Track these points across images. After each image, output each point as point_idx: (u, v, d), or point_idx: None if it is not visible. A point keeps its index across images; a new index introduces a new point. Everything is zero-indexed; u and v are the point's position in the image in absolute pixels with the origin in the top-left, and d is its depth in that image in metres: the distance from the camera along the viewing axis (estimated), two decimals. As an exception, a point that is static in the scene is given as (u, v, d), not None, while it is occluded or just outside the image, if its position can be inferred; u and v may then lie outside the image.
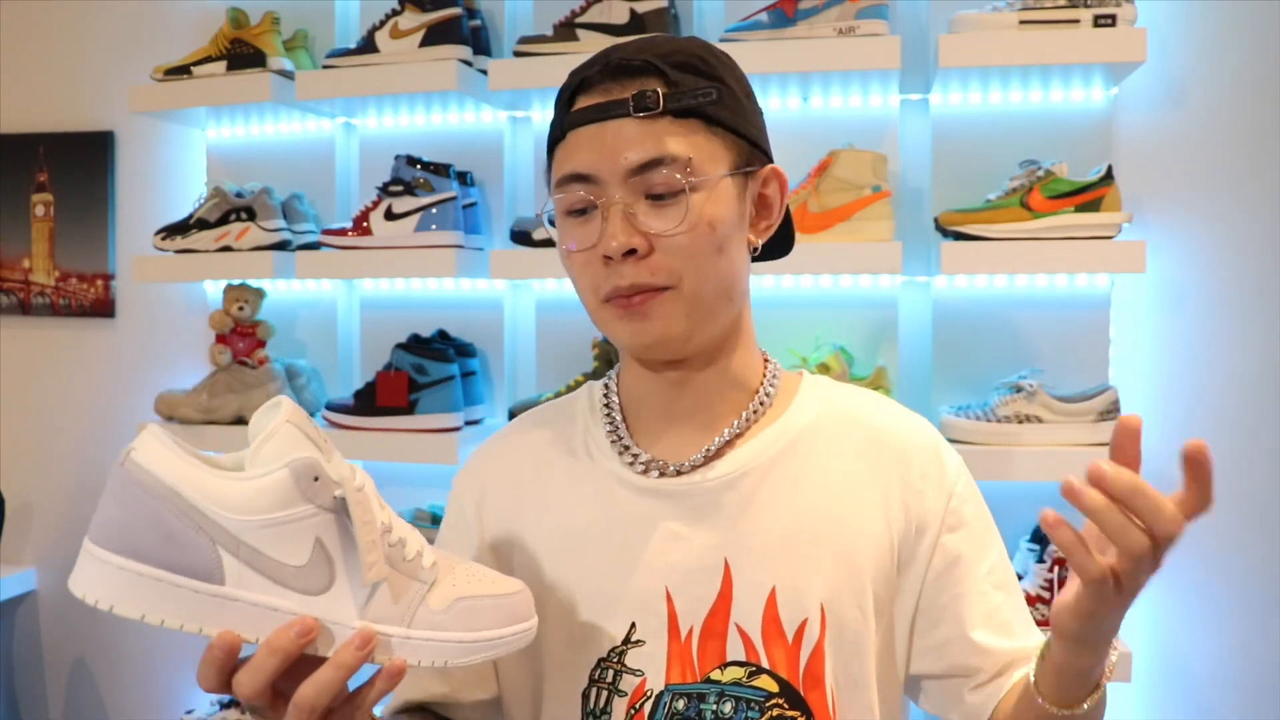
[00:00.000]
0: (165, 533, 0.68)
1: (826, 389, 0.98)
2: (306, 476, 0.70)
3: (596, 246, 0.85)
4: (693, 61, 0.88)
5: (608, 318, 0.89)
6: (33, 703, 2.53)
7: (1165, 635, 1.90)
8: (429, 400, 1.92)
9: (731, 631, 0.87)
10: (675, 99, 0.85)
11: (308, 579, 0.70)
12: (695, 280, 0.86)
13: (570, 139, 0.88)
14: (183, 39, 2.26)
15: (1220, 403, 1.87)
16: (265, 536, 0.69)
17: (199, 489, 0.69)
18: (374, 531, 0.71)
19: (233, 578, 0.69)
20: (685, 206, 0.84)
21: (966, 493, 0.95)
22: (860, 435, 0.94)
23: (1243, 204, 1.85)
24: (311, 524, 0.70)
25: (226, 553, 0.69)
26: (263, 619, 0.70)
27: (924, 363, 1.92)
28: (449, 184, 1.94)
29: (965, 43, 1.68)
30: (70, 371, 2.45)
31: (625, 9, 1.85)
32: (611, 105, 0.85)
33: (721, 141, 0.88)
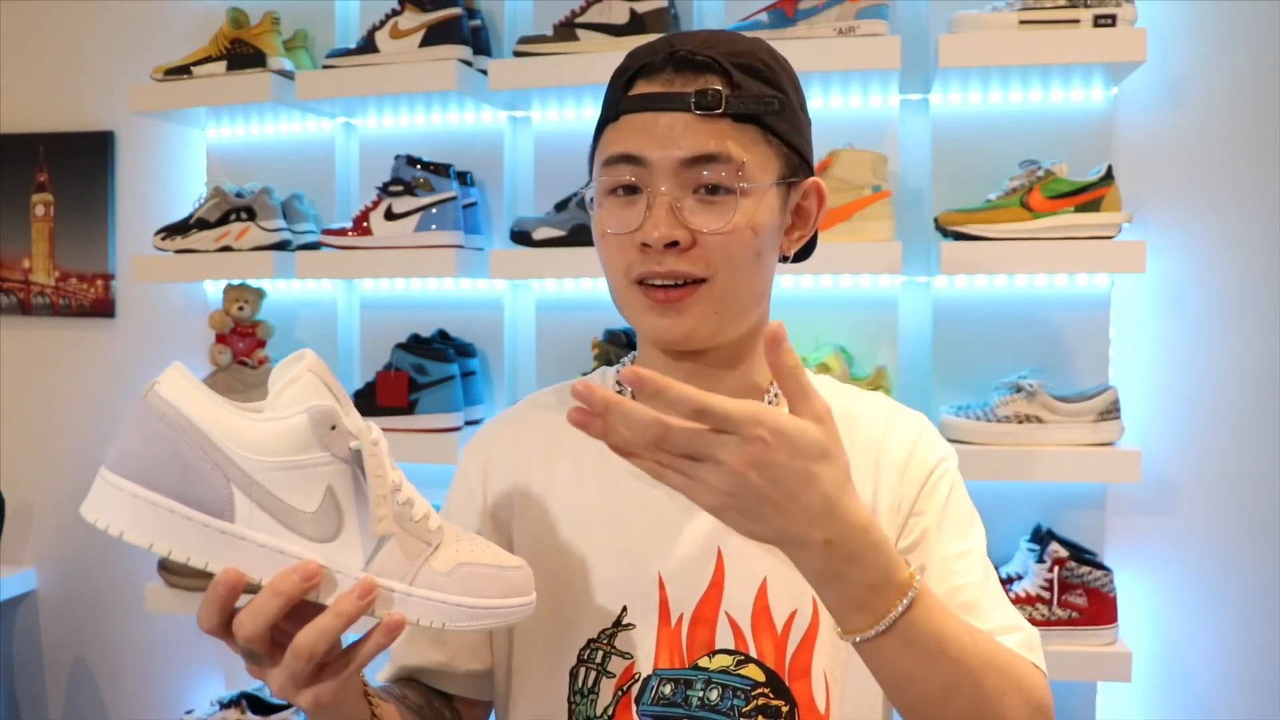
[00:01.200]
0: (181, 465, 0.69)
1: (826, 387, 0.99)
2: (324, 424, 0.70)
3: (637, 232, 0.85)
4: (757, 66, 0.88)
5: (636, 302, 0.89)
6: (33, 703, 2.53)
7: (1165, 635, 1.90)
8: (429, 400, 1.92)
9: (721, 620, 0.89)
10: (738, 103, 0.85)
11: (316, 525, 0.71)
12: (729, 279, 0.87)
13: (624, 121, 0.87)
14: (183, 39, 2.26)
15: (1220, 403, 1.87)
16: (279, 479, 0.70)
17: (218, 426, 0.69)
18: (385, 487, 0.71)
19: (243, 516, 0.70)
20: (733, 208, 0.85)
21: (944, 480, 0.95)
22: (857, 434, 0.94)
23: (1243, 204, 1.85)
24: (325, 471, 0.71)
25: (239, 491, 0.69)
26: (269, 560, 0.70)
27: (924, 363, 1.92)
28: (449, 184, 1.94)
29: (965, 43, 1.68)
30: (70, 371, 2.45)
31: (625, 9, 1.85)
32: (673, 97, 0.85)
33: (775, 151, 0.88)
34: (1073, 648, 1.71)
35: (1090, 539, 1.82)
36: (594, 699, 0.90)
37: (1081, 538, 1.81)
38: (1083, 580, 1.71)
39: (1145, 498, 1.88)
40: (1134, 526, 1.89)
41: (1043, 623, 1.71)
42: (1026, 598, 1.72)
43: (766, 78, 0.88)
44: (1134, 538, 1.89)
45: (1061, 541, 1.74)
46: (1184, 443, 1.88)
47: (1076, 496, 1.84)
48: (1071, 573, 1.71)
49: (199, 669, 2.38)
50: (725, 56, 0.86)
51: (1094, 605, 1.71)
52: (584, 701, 0.91)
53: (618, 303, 0.91)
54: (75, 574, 2.47)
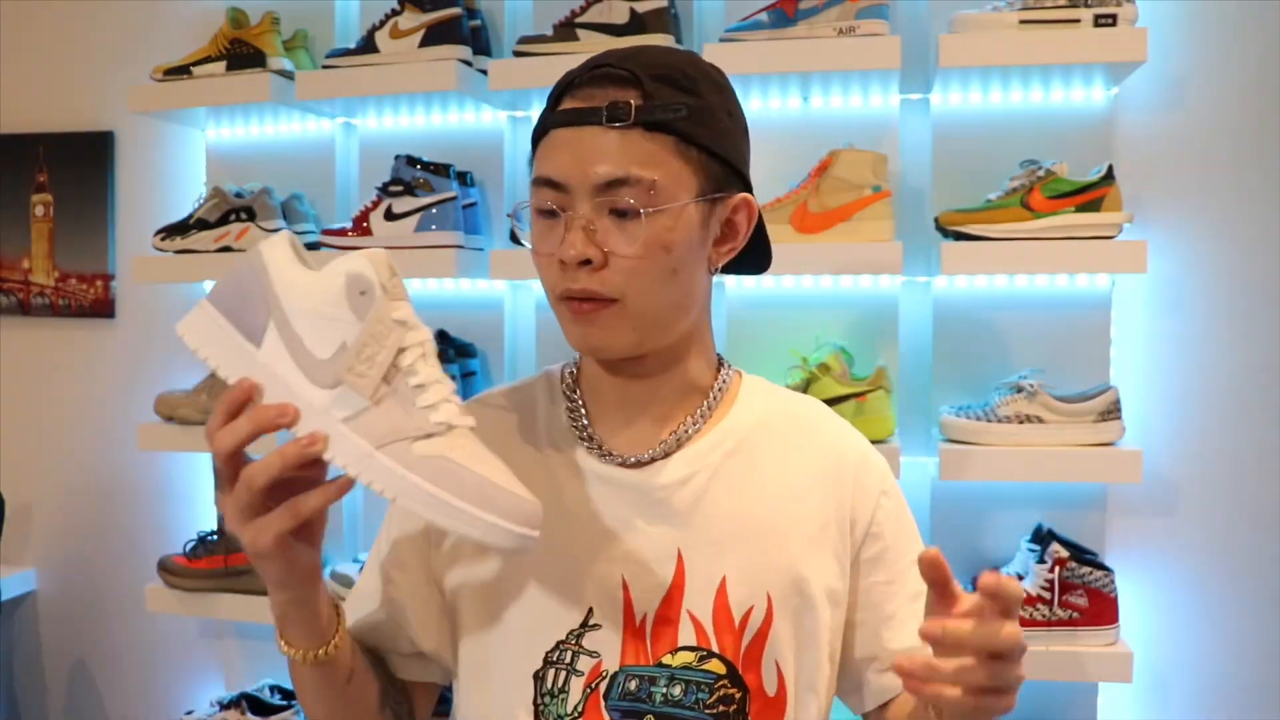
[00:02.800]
0: (243, 295, 0.82)
1: (764, 390, 1.04)
2: (356, 288, 0.78)
3: (557, 250, 0.89)
4: (673, 75, 0.90)
5: (562, 315, 0.93)
6: (33, 703, 2.53)
7: (1165, 635, 1.90)
8: (429, 400, 1.92)
9: (684, 619, 0.92)
10: (647, 112, 0.87)
11: (323, 372, 0.78)
12: (641, 299, 0.90)
13: (549, 139, 0.91)
14: (183, 39, 2.25)
15: (1221, 403, 1.87)
16: (305, 323, 0.79)
17: (279, 270, 0.81)
18: (377, 350, 0.78)
19: (268, 345, 0.80)
20: (645, 228, 0.87)
21: (894, 493, 1.02)
22: (799, 436, 1.01)
23: (1243, 204, 1.85)
24: (344, 327, 0.78)
25: (274, 324, 0.80)
26: (272, 385, 0.80)
27: (924, 363, 1.92)
28: (449, 184, 1.94)
29: (965, 43, 1.68)
30: (70, 371, 2.45)
31: (625, 9, 1.85)
32: (587, 112, 0.89)
33: (690, 164, 0.90)
34: (1073, 648, 1.71)
35: (1091, 539, 1.82)
36: (564, 698, 0.92)
37: (1082, 538, 1.81)
38: (1083, 580, 1.71)
39: (1146, 498, 1.88)
40: (1134, 526, 1.89)
41: (1043, 623, 1.71)
42: (1027, 598, 1.72)
43: (683, 86, 0.90)
44: (1134, 538, 1.89)
45: (1062, 542, 1.74)
46: (1184, 443, 1.88)
47: (1077, 496, 1.84)
48: (1072, 573, 1.71)
49: (199, 669, 2.38)
50: (643, 68, 0.89)
51: (1095, 605, 1.71)
52: (554, 701, 0.92)
53: (558, 319, 0.95)
54: (75, 574, 2.47)
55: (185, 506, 2.36)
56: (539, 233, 0.92)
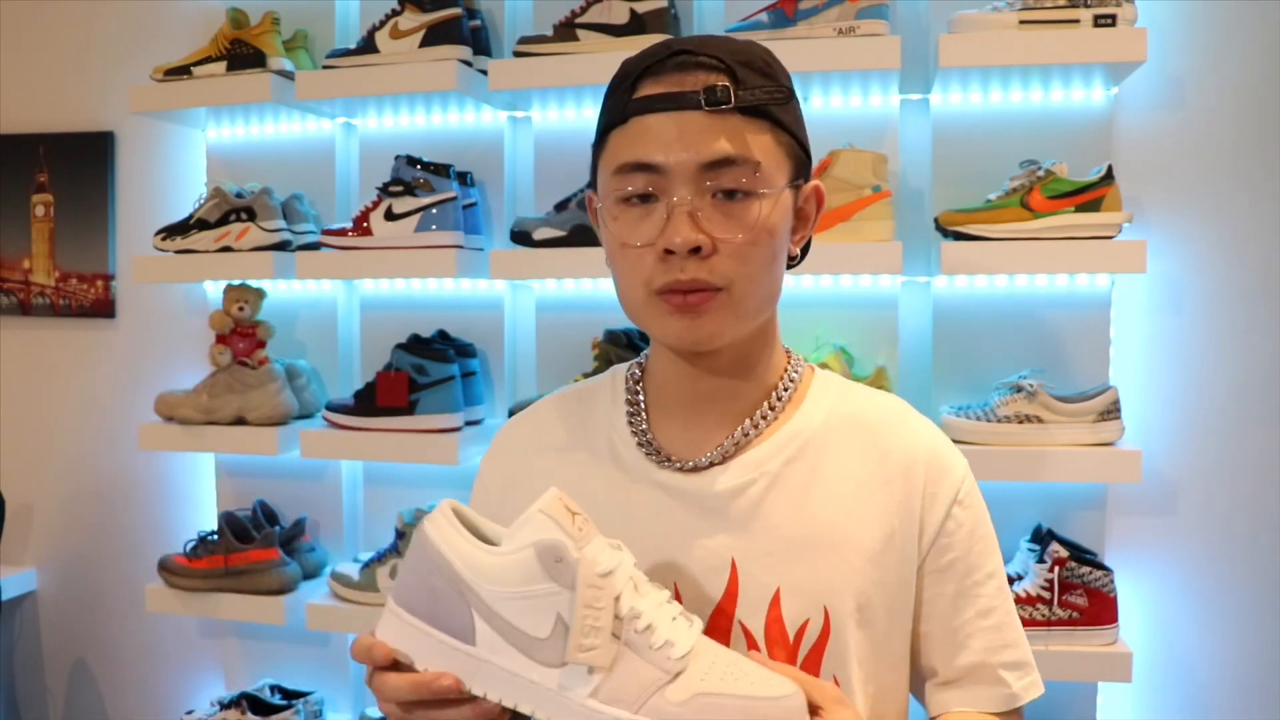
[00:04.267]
0: (432, 592, 0.79)
1: (836, 389, 0.99)
2: (550, 557, 0.76)
3: (659, 239, 0.85)
4: (757, 63, 0.88)
5: (658, 311, 0.88)
6: (33, 703, 2.53)
7: (1165, 635, 1.90)
8: (429, 400, 1.92)
9: (735, 630, 0.89)
10: (746, 95, 0.85)
11: (548, 651, 0.76)
12: (747, 285, 0.87)
13: (634, 125, 0.86)
14: (183, 39, 2.26)
15: (1220, 403, 1.87)
16: (513, 607, 0.76)
17: (463, 558, 0.78)
18: (598, 616, 0.75)
19: (483, 640, 0.77)
20: (752, 212, 0.85)
21: (970, 501, 0.96)
22: (868, 440, 0.95)
23: (1243, 204, 1.85)
24: (554, 601, 0.75)
25: (479, 617, 0.77)
26: (506, 681, 0.77)
27: (924, 363, 1.92)
28: (449, 184, 1.94)
29: (965, 43, 1.68)
30: (70, 371, 2.45)
31: (625, 9, 1.85)
32: (683, 95, 0.85)
33: (784, 148, 0.88)
34: (1073, 648, 1.71)
35: (1090, 539, 1.82)
36: None
37: (1082, 538, 1.81)
38: (1083, 580, 1.71)
39: (1145, 498, 1.88)
40: (1134, 526, 1.89)
41: (1043, 623, 1.71)
42: (1027, 598, 1.72)
43: (766, 73, 0.88)
44: (1134, 538, 1.89)
45: (1062, 541, 1.74)
46: (1184, 443, 1.88)
47: (1077, 496, 1.84)
48: (1072, 573, 1.71)
49: (199, 669, 2.38)
50: (726, 55, 0.86)
51: (1094, 605, 1.71)
52: None
53: (635, 313, 0.91)
54: (75, 574, 2.48)
55: (185, 506, 2.36)
56: (627, 224, 0.87)
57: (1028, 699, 0.94)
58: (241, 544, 2.06)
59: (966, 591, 0.94)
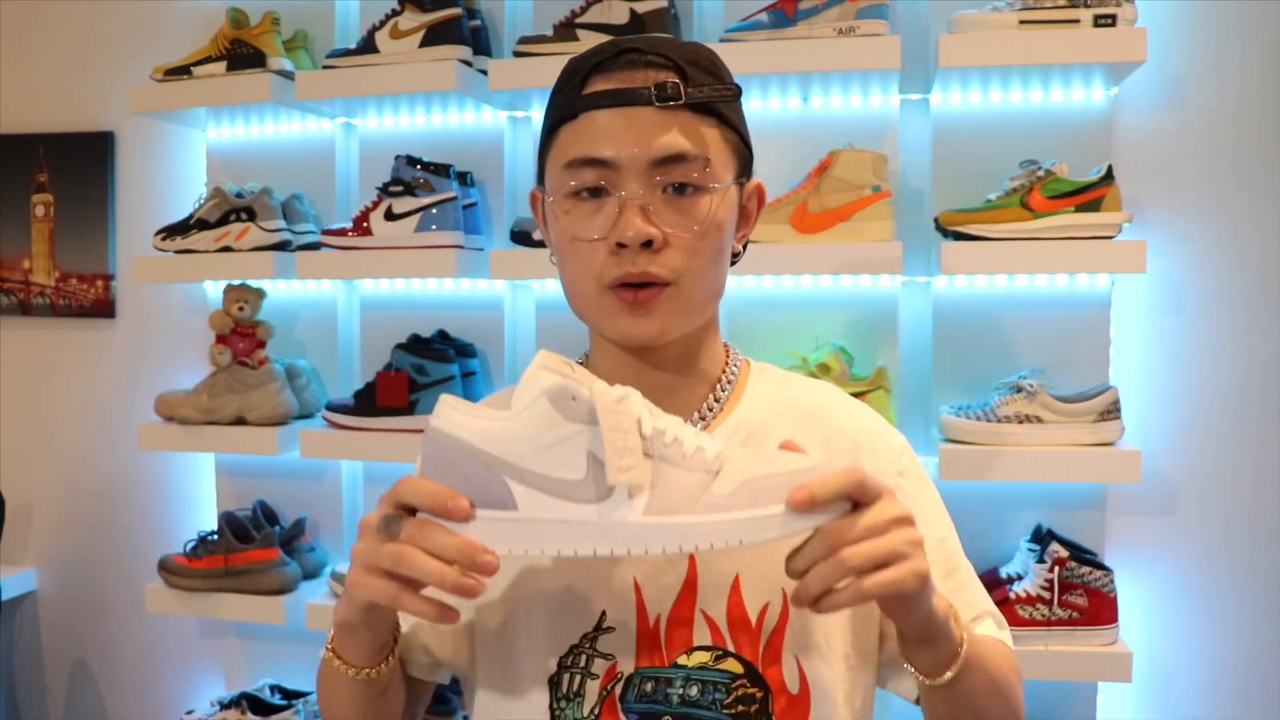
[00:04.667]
0: (462, 479, 0.78)
1: (774, 379, 1.02)
2: (564, 398, 0.76)
3: (611, 234, 0.86)
4: (703, 62, 0.90)
5: (608, 307, 0.89)
6: (33, 703, 2.53)
7: (1165, 635, 1.90)
8: (429, 400, 1.92)
9: (698, 619, 0.91)
10: (695, 92, 0.87)
11: (589, 489, 0.75)
12: (695, 279, 0.89)
13: (584, 120, 0.88)
14: (183, 39, 2.26)
15: (1220, 403, 1.87)
16: (544, 460, 0.76)
17: (481, 434, 0.77)
18: (626, 438, 0.75)
19: (524, 503, 0.76)
20: (702, 206, 0.87)
21: (913, 471, 1.00)
22: (810, 425, 0.97)
23: (1243, 204, 1.85)
24: (581, 439, 0.76)
25: (514, 481, 0.77)
26: (559, 532, 0.76)
27: (924, 363, 1.92)
28: (449, 184, 1.94)
29: (965, 43, 1.68)
30: (70, 371, 2.45)
31: (625, 9, 1.85)
32: (633, 92, 0.86)
33: (731, 146, 0.90)
34: (1073, 648, 1.71)
35: (1090, 539, 1.82)
36: (580, 702, 0.91)
37: (1082, 538, 1.81)
38: (1083, 580, 1.71)
39: (1145, 498, 1.88)
40: (1134, 526, 1.89)
41: (1043, 623, 1.71)
42: (1027, 598, 1.72)
43: (713, 72, 0.90)
44: (1134, 538, 1.89)
45: (1062, 541, 1.74)
46: (1184, 443, 1.88)
47: (1076, 496, 1.84)
48: (1072, 573, 1.71)
49: (199, 669, 2.38)
50: (674, 54, 0.88)
51: (1094, 605, 1.71)
52: (570, 705, 0.91)
53: (584, 308, 0.92)
54: (75, 574, 2.48)
55: (185, 506, 2.36)
56: (578, 219, 0.88)
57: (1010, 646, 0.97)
58: (241, 544, 2.06)
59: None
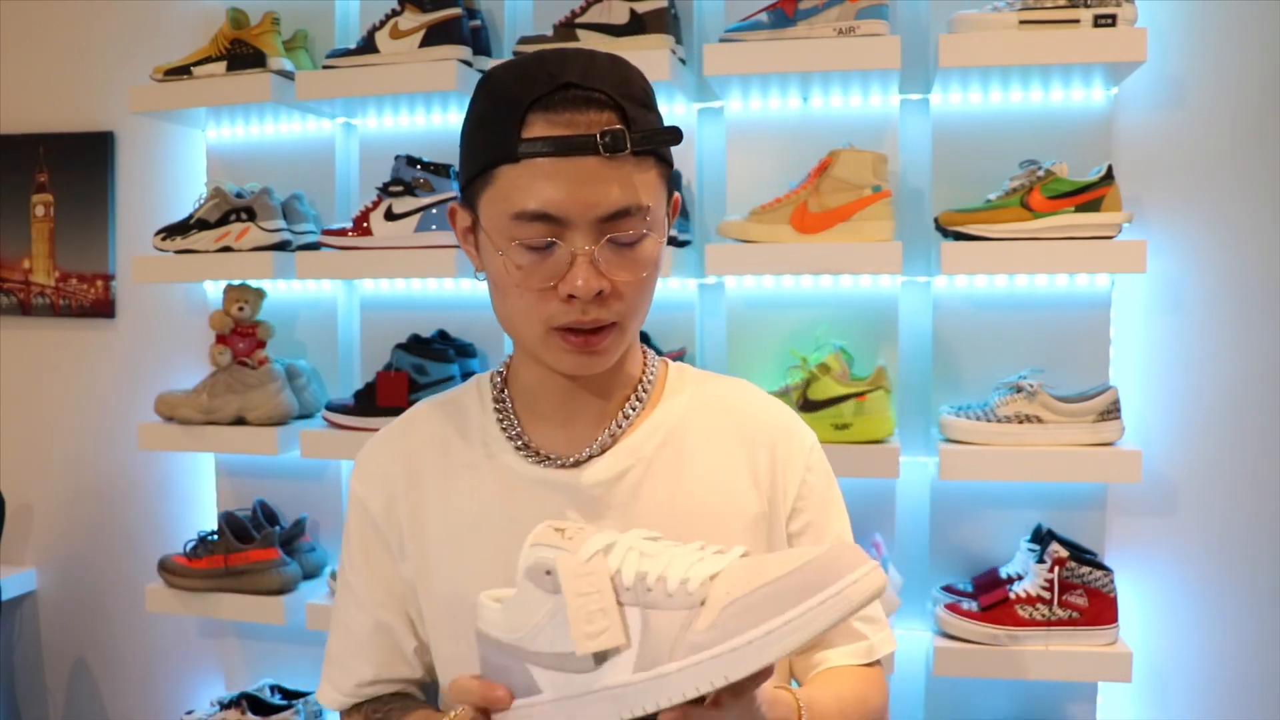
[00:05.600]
0: (495, 669, 0.79)
1: (691, 377, 1.06)
2: (539, 575, 0.75)
3: (561, 284, 0.88)
4: (636, 93, 0.90)
5: (554, 347, 0.92)
6: (33, 703, 2.53)
7: (1165, 635, 1.90)
8: (429, 400, 1.92)
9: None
10: (639, 140, 0.86)
11: (587, 659, 0.74)
12: (635, 318, 0.93)
13: (528, 167, 0.86)
14: (183, 39, 2.26)
15: (1220, 403, 1.87)
16: (543, 639, 0.76)
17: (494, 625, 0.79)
18: (595, 599, 0.73)
19: (546, 684, 0.76)
20: (644, 252, 0.90)
21: (819, 468, 1.04)
22: (728, 420, 1.02)
23: (1243, 204, 1.85)
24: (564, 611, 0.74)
25: (532, 666, 0.77)
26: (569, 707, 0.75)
27: (924, 363, 1.92)
28: (449, 184, 1.94)
29: (965, 43, 1.68)
30: (70, 371, 2.45)
31: (625, 9, 1.85)
32: (577, 140, 0.85)
33: (661, 177, 0.92)
34: (1073, 648, 1.71)
35: (1090, 539, 1.82)
36: None
37: (1082, 538, 1.81)
38: (1083, 580, 1.71)
39: (1145, 498, 1.88)
40: (1134, 526, 1.89)
41: (1043, 623, 1.71)
42: (1027, 598, 1.72)
43: (649, 104, 0.91)
44: (1134, 538, 1.89)
45: (1062, 541, 1.74)
46: (1184, 443, 1.88)
47: (1076, 496, 1.84)
48: (1072, 573, 1.71)
49: (199, 669, 2.38)
50: (612, 88, 0.87)
51: (1094, 605, 1.71)
52: None
53: (527, 344, 0.94)
54: (75, 574, 2.48)
55: (185, 506, 2.36)
56: (528, 269, 0.88)
57: (884, 651, 1.03)
58: (241, 544, 2.06)
59: None
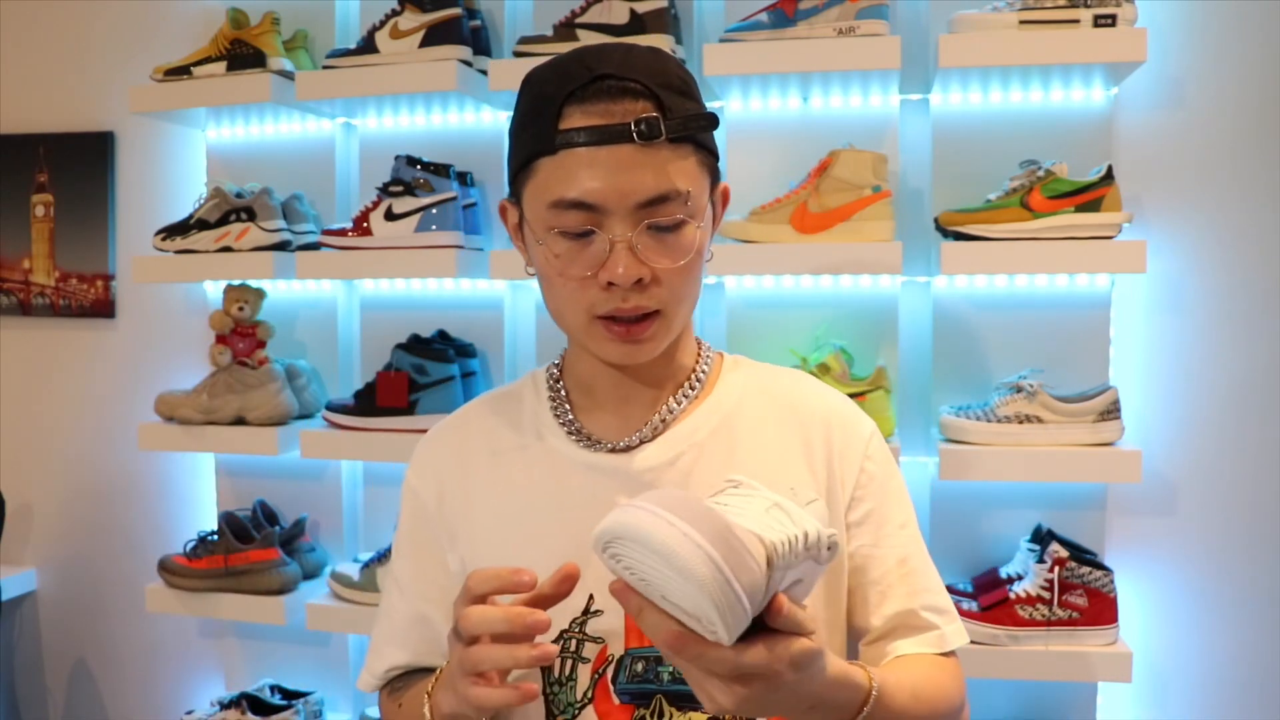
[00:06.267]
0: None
1: (746, 368, 1.06)
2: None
3: (601, 272, 0.89)
4: (673, 81, 0.90)
5: (598, 335, 0.92)
6: (33, 703, 2.53)
7: (1165, 635, 1.90)
8: (429, 400, 1.92)
9: None
10: (675, 127, 0.87)
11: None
12: (680, 306, 0.93)
13: (565, 158, 0.88)
14: (183, 39, 2.26)
15: (1220, 403, 1.87)
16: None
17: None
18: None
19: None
20: (686, 239, 0.90)
21: (879, 456, 1.03)
22: (782, 409, 1.02)
23: (1243, 204, 1.85)
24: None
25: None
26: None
27: (924, 363, 1.92)
28: (449, 184, 1.94)
29: (965, 43, 1.68)
30: (70, 371, 2.45)
31: (625, 9, 1.85)
32: (614, 129, 0.86)
33: (704, 166, 0.92)
34: (1073, 648, 1.71)
35: (1090, 539, 1.82)
36: (573, 685, 0.93)
37: (1082, 538, 1.81)
38: (1083, 580, 1.71)
39: (1145, 498, 1.88)
40: (1134, 526, 1.89)
41: (1043, 623, 1.71)
42: (1026, 598, 1.72)
43: (688, 94, 0.91)
44: (1134, 538, 1.89)
45: (1062, 541, 1.74)
46: (1184, 443, 1.88)
47: (1076, 496, 1.84)
48: (1072, 573, 1.71)
49: (199, 669, 2.38)
50: (648, 78, 0.88)
51: (1094, 605, 1.71)
52: (563, 690, 0.94)
53: (573, 333, 0.95)
54: (75, 574, 2.48)
55: (185, 506, 2.36)
56: (566, 257, 0.90)
57: (957, 643, 1.00)
58: (241, 544, 2.06)
59: (883, 541, 0.99)
